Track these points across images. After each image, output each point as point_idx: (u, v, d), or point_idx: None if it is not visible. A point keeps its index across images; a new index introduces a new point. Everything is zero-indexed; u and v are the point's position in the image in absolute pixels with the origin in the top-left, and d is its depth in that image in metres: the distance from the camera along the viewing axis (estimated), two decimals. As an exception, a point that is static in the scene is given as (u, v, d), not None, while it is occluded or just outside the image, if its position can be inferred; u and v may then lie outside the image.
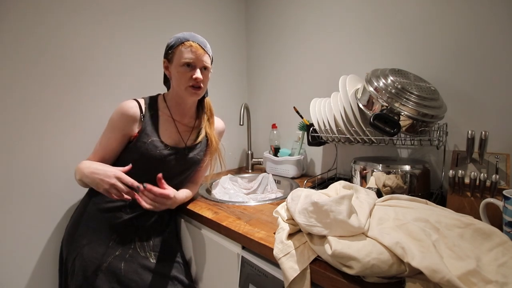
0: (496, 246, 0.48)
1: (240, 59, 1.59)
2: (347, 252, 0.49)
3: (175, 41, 0.83)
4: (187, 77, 0.82)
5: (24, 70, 0.86)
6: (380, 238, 0.50)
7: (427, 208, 0.62)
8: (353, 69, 1.09)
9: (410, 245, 0.46)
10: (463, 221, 0.54)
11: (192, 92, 0.84)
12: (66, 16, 0.93)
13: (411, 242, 0.48)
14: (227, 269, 0.80)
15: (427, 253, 0.44)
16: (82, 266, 0.77)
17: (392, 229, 0.53)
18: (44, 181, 0.92)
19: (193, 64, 0.82)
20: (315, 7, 1.24)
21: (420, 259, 0.43)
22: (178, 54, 0.81)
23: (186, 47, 0.81)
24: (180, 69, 0.82)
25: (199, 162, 0.94)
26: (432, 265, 0.41)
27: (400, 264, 0.46)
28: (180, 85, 0.83)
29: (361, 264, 0.47)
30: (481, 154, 0.72)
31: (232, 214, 0.85)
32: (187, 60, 0.80)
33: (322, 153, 1.29)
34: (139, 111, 0.84)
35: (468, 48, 0.85)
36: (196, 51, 0.81)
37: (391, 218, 0.57)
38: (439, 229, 0.52)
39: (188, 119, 0.94)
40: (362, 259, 0.47)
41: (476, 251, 0.48)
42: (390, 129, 0.76)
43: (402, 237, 0.49)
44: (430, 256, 0.43)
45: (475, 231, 0.51)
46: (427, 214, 0.57)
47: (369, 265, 0.46)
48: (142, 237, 0.85)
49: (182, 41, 0.82)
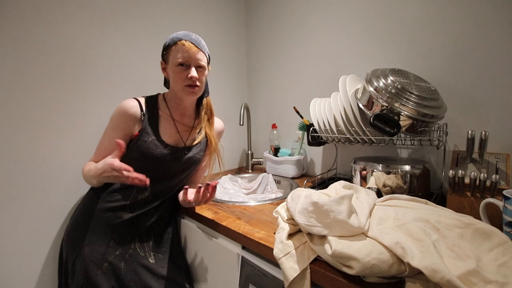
0: (496, 246, 0.48)
1: (240, 59, 1.59)
2: (347, 252, 0.49)
3: (169, 42, 0.83)
4: (182, 77, 0.82)
5: (24, 70, 0.86)
6: (380, 238, 0.50)
7: (427, 208, 0.62)
8: (353, 69, 1.09)
9: (410, 245, 0.46)
10: (463, 221, 0.54)
11: (189, 91, 0.83)
12: (66, 16, 0.93)
13: (411, 242, 0.48)
14: (227, 269, 0.80)
15: (427, 253, 0.44)
16: (83, 267, 0.77)
17: (392, 229, 0.53)
18: (44, 181, 0.92)
19: (187, 63, 0.81)
20: (315, 8, 1.24)
21: (420, 259, 0.43)
22: (172, 54, 0.81)
23: (179, 47, 0.81)
24: (175, 69, 0.82)
25: (198, 162, 0.94)
26: (432, 265, 0.41)
27: (400, 264, 0.46)
28: (176, 85, 0.83)
29: (361, 264, 0.47)
30: (481, 154, 0.72)
31: (232, 214, 0.85)
32: (180, 60, 0.80)
33: (322, 153, 1.29)
34: (139, 110, 0.85)
35: (468, 48, 0.85)
36: (189, 49, 0.81)
37: (391, 218, 0.57)
38: (439, 229, 0.52)
39: (188, 118, 0.94)
40: (362, 259, 0.47)
41: (476, 251, 0.48)
42: (390, 129, 0.76)
43: (402, 237, 0.49)
44: (430, 256, 0.43)
45: (475, 231, 0.51)
46: (427, 214, 0.57)
47: (369, 265, 0.46)
48: (142, 237, 0.85)
49: (175, 41, 0.81)
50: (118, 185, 0.84)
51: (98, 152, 0.85)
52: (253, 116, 1.57)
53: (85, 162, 0.86)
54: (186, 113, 0.93)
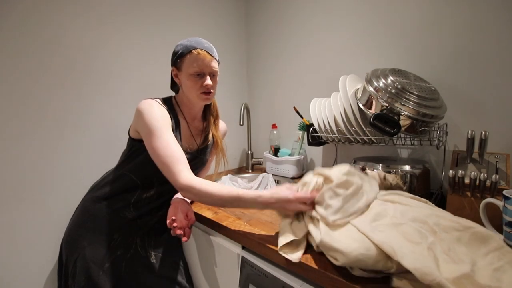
0: (493, 251, 0.48)
1: (240, 59, 1.59)
2: (334, 245, 0.50)
3: (182, 50, 0.82)
4: (198, 85, 0.83)
5: (26, 71, 0.86)
6: (371, 234, 0.50)
7: (427, 207, 0.62)
8: (353, 69, 1.08)
9: (402, 245, 0.47)
10: (462, 224, 0.53)
11: (204, 98, 0.85)
12: (69, 18, 0.93)
13: (403, 242, 0.48)
14: (227, 269, 0.80)
15: (419, 255, 0.45)
16: (84, 267, 0.77)
17: (388, 226, 0.53)
18: (44, 181, 0.92)
19: (202, 73, 0.82)
20: (316, 8, 1.24)
21: (411, 260, 0.43)
22: (187, 63, 0.82)
23: (194, 56, 0.81)
24: (190, 78, 0.82)
25: (205, 163, 0.98)
26: (424, 267, 0.42)
27: (387, 261, 0.47)
28: (192, 92, 0.84)
29: (346, 258, 0.48)
30: (481, 154, 0.72)
31: (232, 214, 0.85)
32: (196, 69, 0.81)
33: (322, 153, 1.29)
34: (166, 111, 0.84)
35: (468, 48, 0.85)
36: (204, 58, 0.81)
37: (389, 216, 0.57)
38: (437, 232, 0.52)
39: (198, 122, 0.96)
40: (348, 254, 0.48)
41: (472, 255, 0.48)
42: (390, 129, 0.76)
43: (396, 236, 0.49)
44: (422, 259, 0.44)
45: (472, 234, 0.51)
46: (426, 215, 0.57)
47: (354, 259, 0.47)
48: (144, 237, 0.85)
49: (189, 49, 0.81)
50: (121, 185, 0.84)
51: (179, 158, 0.73)
52: (253, 116, 1.57)
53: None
54: (196, 117, 0.95)
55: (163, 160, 0.72)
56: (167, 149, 0.73)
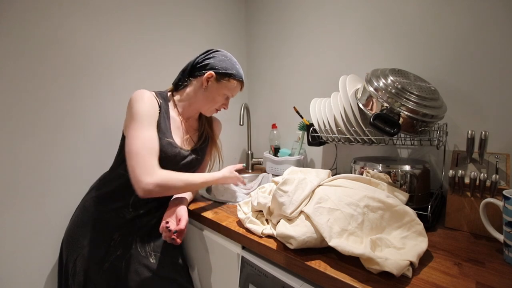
0: (405, 224, 0.60)
1: (240, 59, 1.58)
2: (287, 233, 0.61)
3: (235, 73, 0.89)
4: (219, 104, 0.92)
5: (24, 70, 0.86)
6: (313, 216, 0.61)
7: (365, 188, 0.68)
8: (353, 69, 1.08)
9: (332, 229, 0.58)
10: (386, 204, 0.62)
11: (213, 112, 0.95)
12: (66, 16, 0.93)
13: (334, 224, 0.59)
14: (227, 269, 0.80)
15: (341, 238, 0.57)
16: (84, 267, 0.77)
17: (326, 210, 0.62)
18: (44, 182, 0.92)
19: (230, 97, 0.93)
20: (315, 8, 1.24)
21: (335, 240, 0.56)
22: (229, 86, 0.89)
23: (238, 85, 0.92)
24: (219, 95, 0.90)
25: (201, 161, 0.97)
26: (341, 246, 0.54)
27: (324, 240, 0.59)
28: (208, 105, 0.91)
29: (297, 241, 0.59)
30: (481, 154, 0.72)
31: (232, 214, 0.85)
32: (230, 95, 0.92)
33: (322, 153, 1.29)
34: (157, 104, 0.84)
35: (468, 48, 0.85)
36: (239, 91, 0.94)
37: (330, 200, 0.65)
38: (365, 213, 0.61)
39: (193, 121, 0.96)
40: (298, 238, 0.59)
41: (389, 229, 0.61)
42: (390, 129, 0.76)
43: (329, 220, 0.60)
44: (343, 240, 0.56)
45: (393, 212, 0.61)
46: (360, 198, 0.63)
47: (303, 242, 0.59)
48: (143, 237, 0.85)
49: (239, 79, 0.91)
50: (119, 184, 0.84)
51: (153, 150, 0.74)
52: (253, 116, 1.57)
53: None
54: (192, 116, 0.95)
55: (134, 151, 0.71)
56: (143, 143, 0.72)
